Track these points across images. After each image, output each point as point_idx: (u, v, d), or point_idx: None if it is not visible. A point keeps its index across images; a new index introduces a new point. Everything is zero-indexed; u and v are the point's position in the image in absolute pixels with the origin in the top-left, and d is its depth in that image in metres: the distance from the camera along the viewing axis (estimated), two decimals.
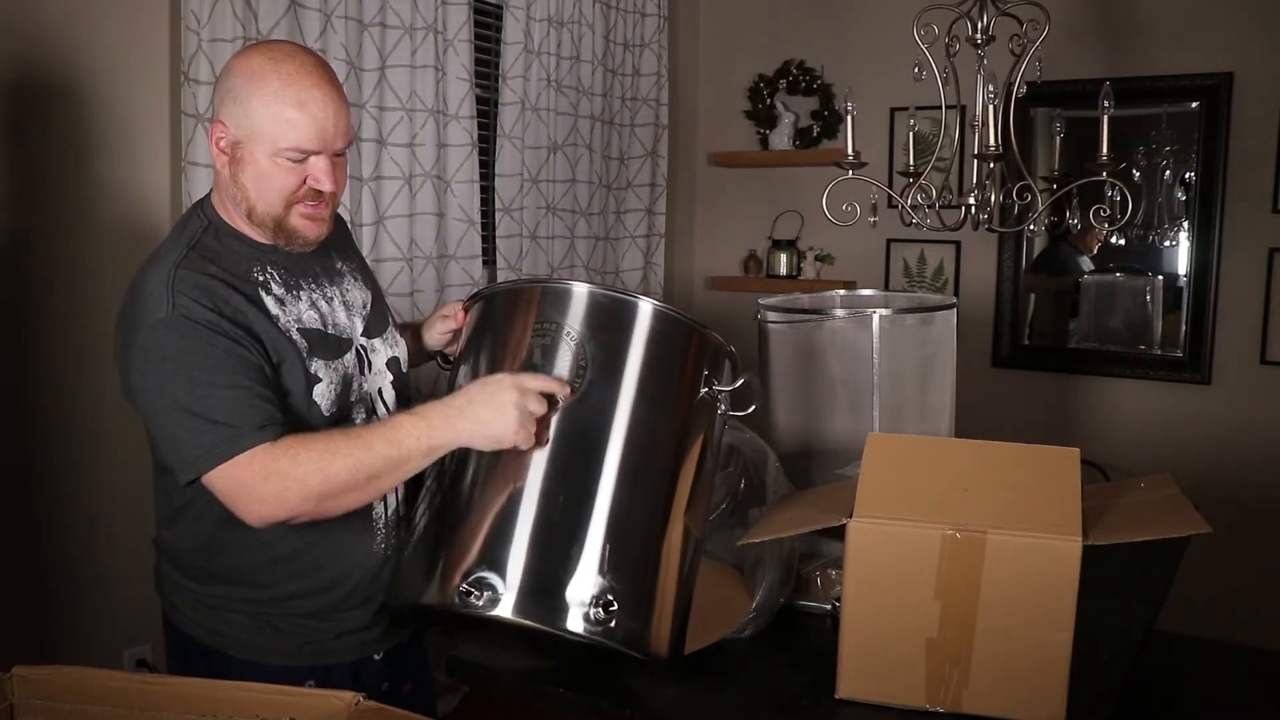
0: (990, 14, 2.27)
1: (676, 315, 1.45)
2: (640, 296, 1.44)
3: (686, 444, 1.44)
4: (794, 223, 3.94)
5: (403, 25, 2.80)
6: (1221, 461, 3.26)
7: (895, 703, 1.42)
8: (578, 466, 1.36)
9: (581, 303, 1.42)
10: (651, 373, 1.41)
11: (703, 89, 4.16)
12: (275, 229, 1.43)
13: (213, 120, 1.42)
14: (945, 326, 2.10)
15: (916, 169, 2.40)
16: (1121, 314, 3.49)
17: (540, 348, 1.40)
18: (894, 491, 1.42)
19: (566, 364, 1.39)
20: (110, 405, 2.33)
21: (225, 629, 1.48)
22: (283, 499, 1.28)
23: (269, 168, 1.38)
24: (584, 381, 1.38)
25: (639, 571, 1.36)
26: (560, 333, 1.40)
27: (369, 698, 1.11)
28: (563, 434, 1.36)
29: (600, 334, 1.41)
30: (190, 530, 1.47)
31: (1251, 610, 3.18)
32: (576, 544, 1.32)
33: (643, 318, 1.42)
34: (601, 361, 1.39)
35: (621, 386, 1.39)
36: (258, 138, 1.37)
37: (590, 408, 1.38)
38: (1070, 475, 1.40)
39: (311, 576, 1.47)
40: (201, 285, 1.34)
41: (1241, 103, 3.19)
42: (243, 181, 1.39)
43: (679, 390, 1.44)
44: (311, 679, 1.47)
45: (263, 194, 1.39)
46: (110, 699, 1.11)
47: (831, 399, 2.03)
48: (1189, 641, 1.74)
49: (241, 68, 1.39)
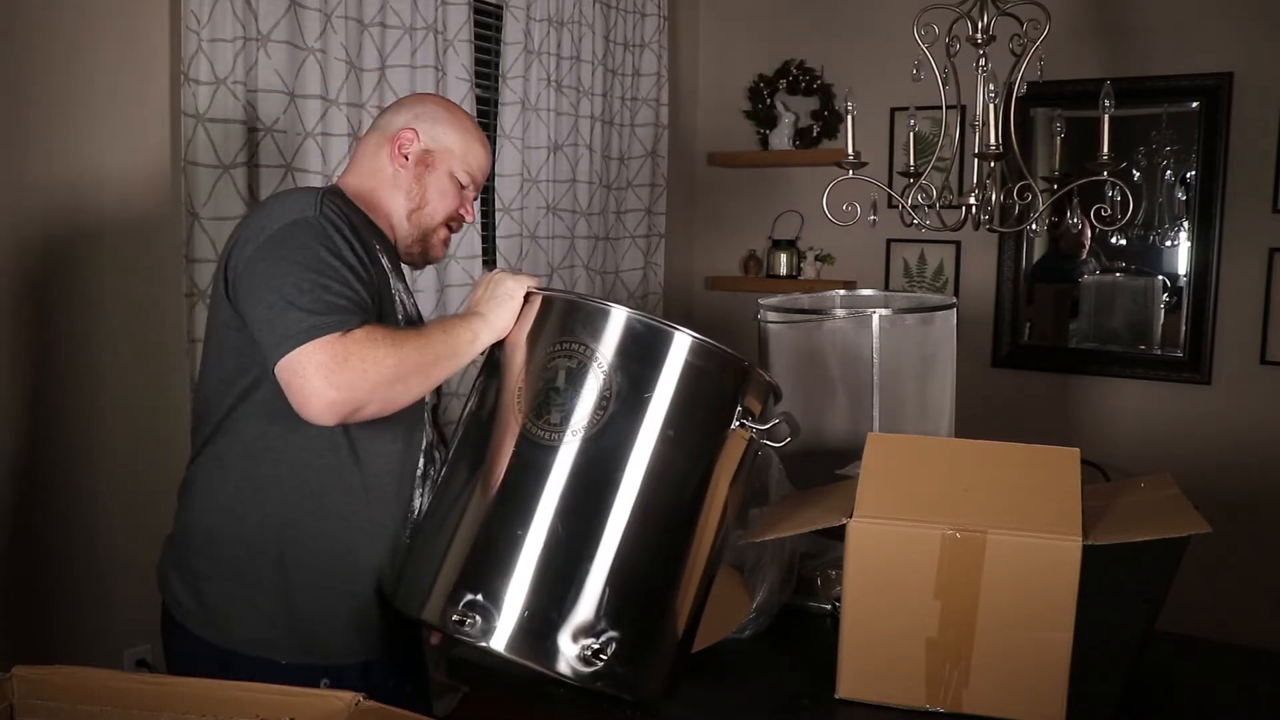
0: (990, 14, 2.27)
1: (717, 349, 1.37)
2: (678, 328, 1.35)
3: (711, 484, 1.38)
4: (794, 223, 3.94)
5: (403, 25, 2.80)
6: (1221, 461, 3.26)
7: (895, 703, 1.42)
8: (588, 505, 1.32)
9: (617, 327, 1.35)
10: (681, 410, 1.33)
11: (703, 89, 4.16)
12: (420, 237, 1.61)
13: (401, 129, 1.59)
14: (945, 326, 2.10)
15: (917, 169, 2.40)
16: (1121, 314, 3.49)
17: (566, 370, 1.35)
18: (894, 491, 1.42)
19: (593, 394, 1.33)
20: (111, 405, 2.33)
21: (237, 627, 1.47)
22: (357, 383, 1.31)
23: (448, 184, 1.60)
24: (605, 415, 1.32)
25: (641, 618, 1.34)
26: (589, 357, 1.34)
27: (369, 697, 1.11)
28: (578, 469, 1.32)
29: (630, 364, 1.34)
30: (221, 473, 1.48)
31: (1251, 610, 3.18)
32: (575, 586, 1.30)
33: (678, 350, 1.34)
34: (627, 394, 1.32)
35: (644, 423, 1.32)
36: (449, 155, 1.60)
37: (608, 443, 1.32)
38: (1070, 475, 1.40)
39: (327, 543, 1.47)
40: (344, 214, 1.46)
41: (1241, 103, 3.19)
42: (426, 183, 1.59)
43: (709, 430, 1.37)
44: (326, 679, 1.47)
45: (434, 202, 1.59)
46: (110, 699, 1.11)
47: (831, 399, 2.03)
48: (1189, 641, 1.74)
49: (435, 101, 1.66)
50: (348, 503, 1.48)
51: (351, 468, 1.47)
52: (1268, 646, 1.73)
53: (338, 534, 1.48)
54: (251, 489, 1.47)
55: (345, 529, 1.48)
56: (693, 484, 1.37)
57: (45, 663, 1.14)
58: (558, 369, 1.35)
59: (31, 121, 2.17)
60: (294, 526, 1.46)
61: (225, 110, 2.35)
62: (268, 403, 1.43)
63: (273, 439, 1.45)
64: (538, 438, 1.34)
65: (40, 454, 2.24)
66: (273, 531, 1.47)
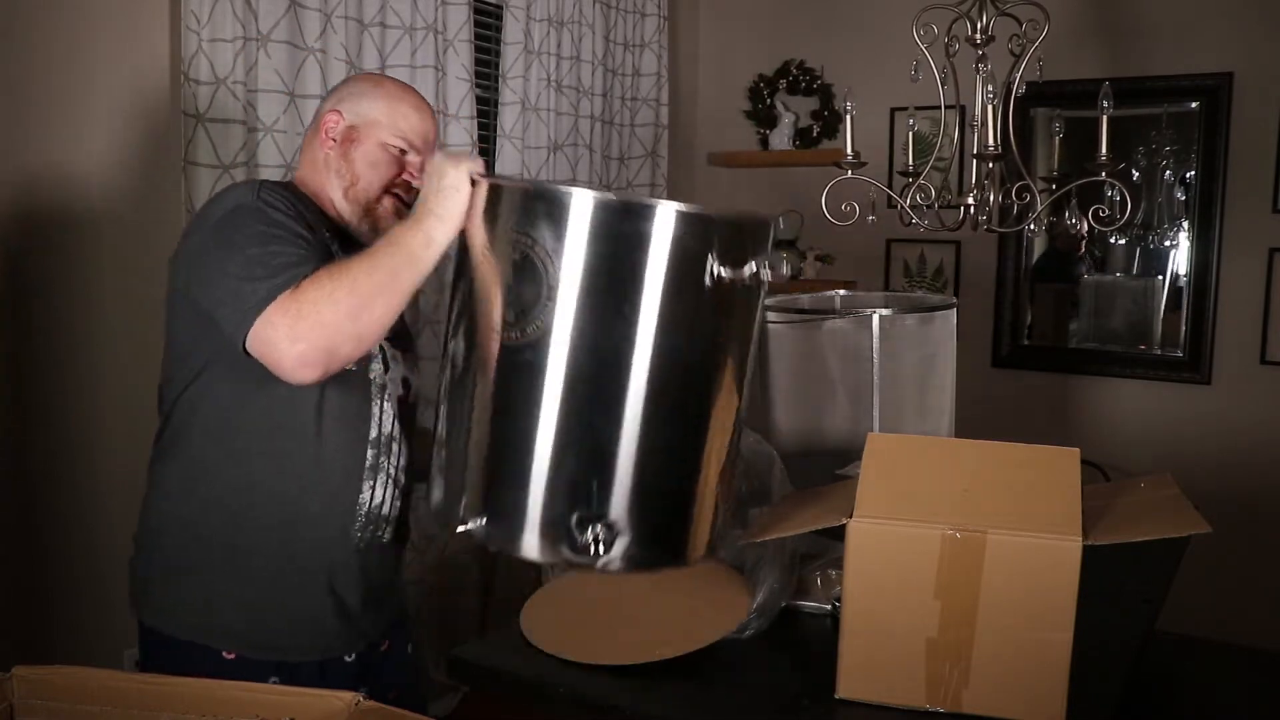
0: (990, 14, 2.27)
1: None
2: (647, 200, 1.23)
3: (700, 341, 1.26)
4: (794, 223, 3.94)
5: (403, 25, 2.80)
6: (1221, 461, 3.26)
7: (895, 703, 1.42)
8: (580, 396, 1.23)
9: (550, 208, 1.22)
10: (635, 283, 1.21)
11: (703, 89, 4.16)
12: (364, 211, 1.57)
13: (326, 113, 1.59)
14: (945, 326, 2.10)
15: (916, 169, 2.40)
16: (1121, 314, 3.49)
17: (513, 263, 1.24)
18: (894, 491, 1.42)
19: (540, 284, 1.22)
20: (110, 404, 2.33)
21: (187, 615, 1.50)
22: (318, 330, 1.30)
23: (379, 154, 1.57)
24: (553, 304, 1.21)
25: (657, 494, 1.27)
26: (529, 245, 1.23)
27: (368, 697, 1.11)
28: (555, 364, 1.22)
29: (554, 242, 1.21)
30: (164, 464, 1.54)
31: (1251, 610, 3.18)
32: (584, 480, 1.23)
33: (661, 224, 1.20)
34: (571, 277, 1.21)
35: (601, 306, 1.22)
36: (375, 125, 1.57)
37: (573, 332, 1.22)
38: (1070, 475, 1.40)
39: (275, 532, 1.49)
40: (285, 196, 1.48)
41: (1241, 103, 3.19)
42: (353, 158, 1.57)
43: (681, 294, 1.23)
44: (276, 677, 1.48)
45: (367, 175, 1.56)
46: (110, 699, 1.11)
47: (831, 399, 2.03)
48: (1189, 641, 1.74)
49: (361, 77, 1.67)
50: (293, 488, 1.49)
51: (299, 453, 1.49)
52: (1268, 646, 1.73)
53: (285, 523, 1.49)
54: (197, 476, 1.51)
55: (292, 518, 1.50)
56: (678, 347, 1.25)
57: (45, 663, 1.14)
58: (508, 262, 1.26)
59: (31, 121, 2.17)
60: (240, 515, 1.48)
61: (225, 110, 2.35)
62: (206, 397, 1.48)
63: (213, 434, 1.49)
64: (509, 340, 1.25)
65: (40, 454, 2.24)
66: (220, 520, 1.49)
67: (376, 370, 1.56)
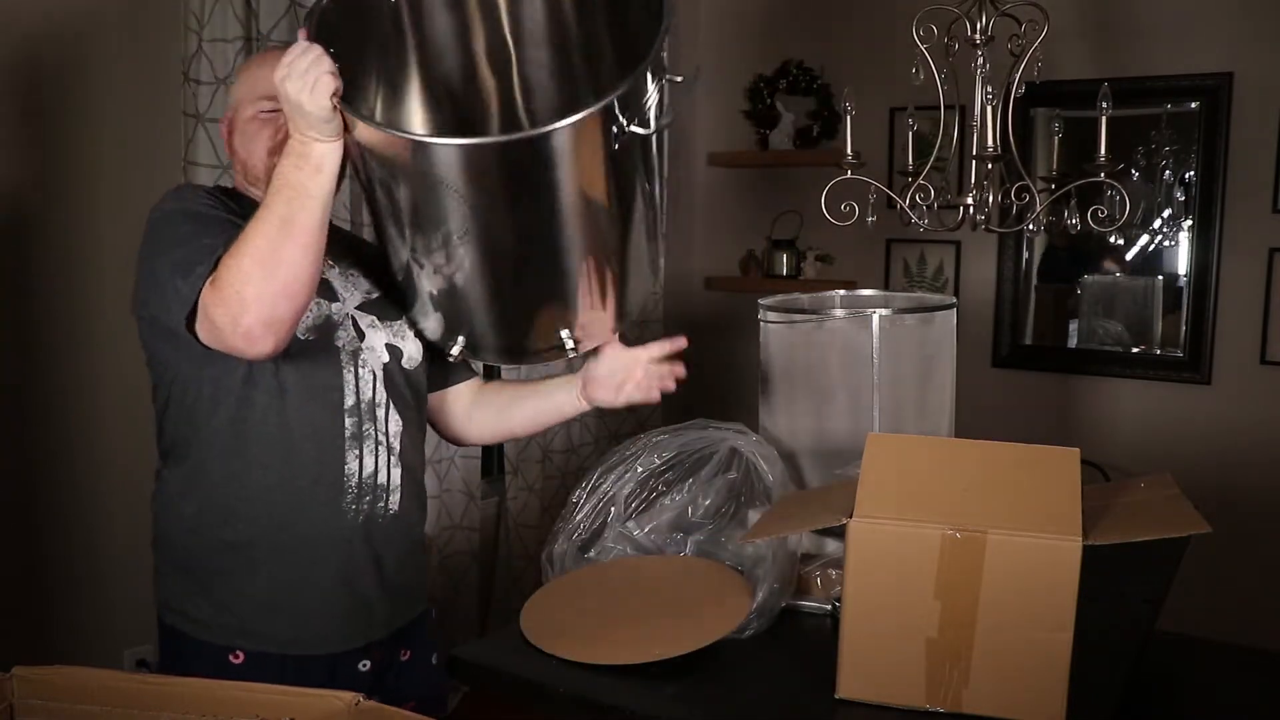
0: (989, 14, 2.27)
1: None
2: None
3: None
4: (793, 223, 3.94)
5: None
6: (1221, 461, 3.26)
7: (895, 703, 1.42)
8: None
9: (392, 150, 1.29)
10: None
11: (702, 89, 4.15)
12: (268, 183, 1.49)
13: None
14: (945, 326, 2.09)
15: (916, 169, 2.40)
16: (1121, 314, 3.49)
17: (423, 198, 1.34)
18: (894, 491, 1.42)
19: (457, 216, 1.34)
20: (111, 404, 2.33)
21: (198, 614, 1.51)
22: (243, 305, 1.30)
23: (251, 127, 1.56)
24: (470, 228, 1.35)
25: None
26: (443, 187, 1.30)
27: (369, 697, 1.11)
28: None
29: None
30: (166, 471, 1.56)
31: (1251, 610, 3.18)
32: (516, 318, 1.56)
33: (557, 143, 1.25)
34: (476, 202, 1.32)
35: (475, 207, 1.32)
36: (241, 103, 1.57)
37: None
38: (1070, 475, 1.40)
39: (262, 525, 1.49)
40: (208, 191, 1.54)
41: (1241, 103, 3.19)
42: (235, 147, 1.59)
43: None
44: (288, 677, 1.47)
45: (248, 149, 1.56)
46: (110, 699, 1.11)
47: (831, 399, 2.03)
48: (1189, 641, 1.74)
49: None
50: (275, 468, 1.49)
51: (270, 432, 1.49)
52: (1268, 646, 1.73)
53: (277, 504, 1.49)
54: (190, 476, 1.52)
55: (281, 499, 1.49)
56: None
57: (45, 663, 1.14)
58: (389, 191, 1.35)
59: (32, 122, 2.17)
60: (233, 507, 1.49)
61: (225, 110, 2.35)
62: (185, 397, 1.50)
63: (199, 431, 1.51)
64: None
65: (40, 454, 2.24)
66: (217, 517, 1.50)
67: (345, 338, 1.53)
